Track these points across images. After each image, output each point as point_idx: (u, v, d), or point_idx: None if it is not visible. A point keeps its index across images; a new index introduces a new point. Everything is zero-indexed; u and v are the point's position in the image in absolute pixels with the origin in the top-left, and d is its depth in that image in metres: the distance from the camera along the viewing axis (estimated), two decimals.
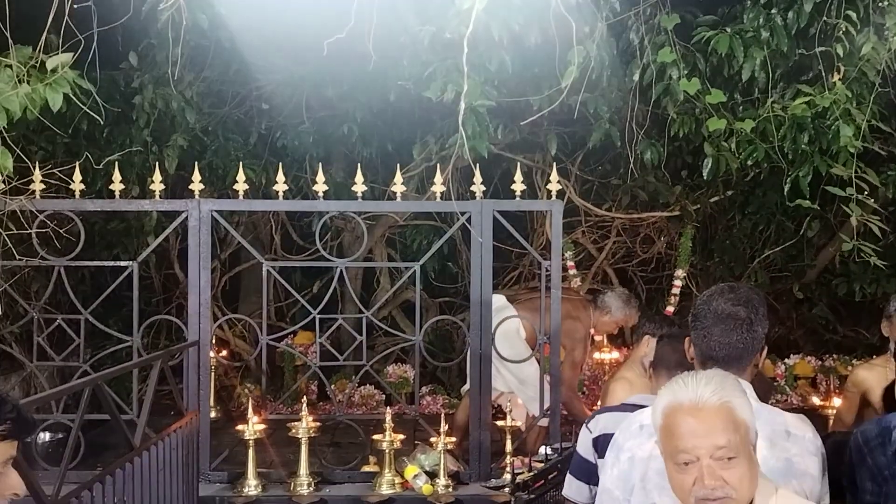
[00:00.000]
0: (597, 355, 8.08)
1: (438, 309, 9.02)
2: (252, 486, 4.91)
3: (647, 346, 4.38)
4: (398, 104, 6.70)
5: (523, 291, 7.15)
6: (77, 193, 5.13)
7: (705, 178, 6.07)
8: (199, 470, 4.95)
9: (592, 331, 5.89)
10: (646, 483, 2.33)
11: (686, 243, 8.30)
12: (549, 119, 6.40)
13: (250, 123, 7.55)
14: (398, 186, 5.12)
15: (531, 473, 4.04)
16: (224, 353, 7.82)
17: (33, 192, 4.99)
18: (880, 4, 5.28)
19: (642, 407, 2.51)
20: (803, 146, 5.67)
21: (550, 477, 4.15)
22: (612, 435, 2.52)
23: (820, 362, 8.37)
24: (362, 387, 8.03)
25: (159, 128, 6.81)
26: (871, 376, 4.53)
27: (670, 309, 8.42)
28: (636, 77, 5.68)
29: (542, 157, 8.10)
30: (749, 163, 5.89)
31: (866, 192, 5.41)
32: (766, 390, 4.16)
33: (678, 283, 8.35)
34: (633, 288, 9.44)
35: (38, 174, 5.01)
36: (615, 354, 8.15)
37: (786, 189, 5.91)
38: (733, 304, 2.35)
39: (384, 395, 8.03)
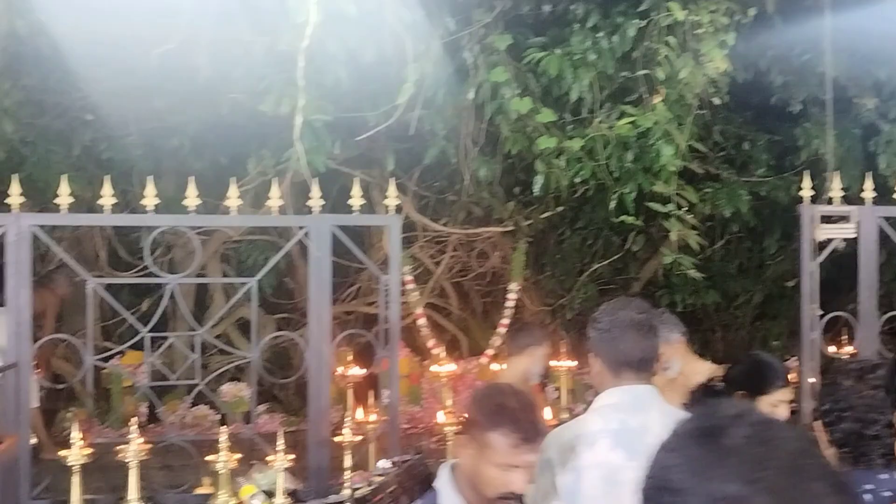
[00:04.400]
0: (434, 368, 8.17)
1: (276, 325, 8.88)
2: None
3: (531, 358, 4.50)
4: (232, 117, 6.56)
5: None
6: None
7: (535, 194, 6.25)
8: (20, 499, 4.67)
9: None
10: (593, 491, 2.41)
11: (519, 258, 8.52)
12: (387, 135, 6.42)
13: (73, 135, 7.19)
14: (233, 200, 5.02)
15: (370, 488, 4.03)
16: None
17: None
18: (695, 33, 5.61)
19: None
20: (628, 164, 5.94)
21: (389, 490, 4.16)
22: None
23: None
24: (195, 407, 7.80)
25: None
26: None
27: (505, 322, 8.61)
28: (470, 95, 5.79)
29: (379, 172, 8.13)
30: (577, 180, 6.11)
31: (685, 209, 5.72)
32: None
33: (513, 296, 8.56)
34: (469, 302, 9.62)
35: None
36: (452, 367, 8.27)
37: (611, 205, 6.18)
38: (639, 313, 2.46)
39: (219, 415, 7.83)
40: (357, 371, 7.64)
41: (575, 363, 8.37)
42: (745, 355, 4.16)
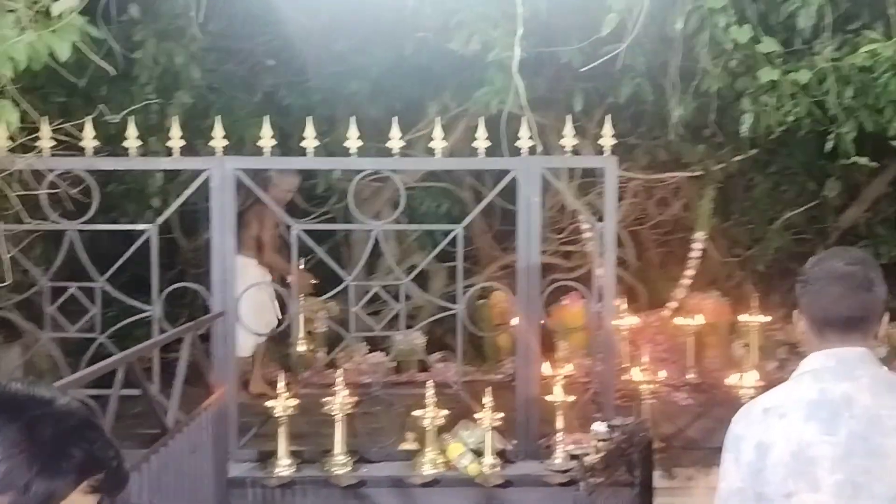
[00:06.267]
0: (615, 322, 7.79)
1: (447, 274, 8.67)
2: (285, 466, 4.56)
3: None
4: (415, 58, 6.31)
5: None
6: (88, 151, 4.70)
7: (743, 134, 5.80)
8: (229, 448, 4.60)
9: None
10: (779, 469, 2.07)
11: (707, 205, 8.02)
12: (573, 73, 6.05)
13: (256, 80, 7.10)
14: (437, 142, 4.76)
15: (598, 455, 3.74)
16: None
17: (40, 149, 4.56)
18: None
19: None
20: (847, 101, 5.40)
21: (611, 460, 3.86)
22: None
23: None
24: (370, 354, 7.73)
25: (161, 85, 6.35)
26: None
27: (690, 273, 8.15)
28: (678, 25, 5.32)
29: (555, 114, 7.75)
30: (790, 119, 5.60)
31: None
32: None
33: (698, 246, 8.08)
34: (645, 252, 9.15)
35: (46, 130, 4.57)
36: (635, 320, 7.87)
37: (828, 147, 5.67)
38: (848, 264, 2.15)
39: (394, 363, 7.75)
40: None
41: (766, 318, 7.85)
42: None
